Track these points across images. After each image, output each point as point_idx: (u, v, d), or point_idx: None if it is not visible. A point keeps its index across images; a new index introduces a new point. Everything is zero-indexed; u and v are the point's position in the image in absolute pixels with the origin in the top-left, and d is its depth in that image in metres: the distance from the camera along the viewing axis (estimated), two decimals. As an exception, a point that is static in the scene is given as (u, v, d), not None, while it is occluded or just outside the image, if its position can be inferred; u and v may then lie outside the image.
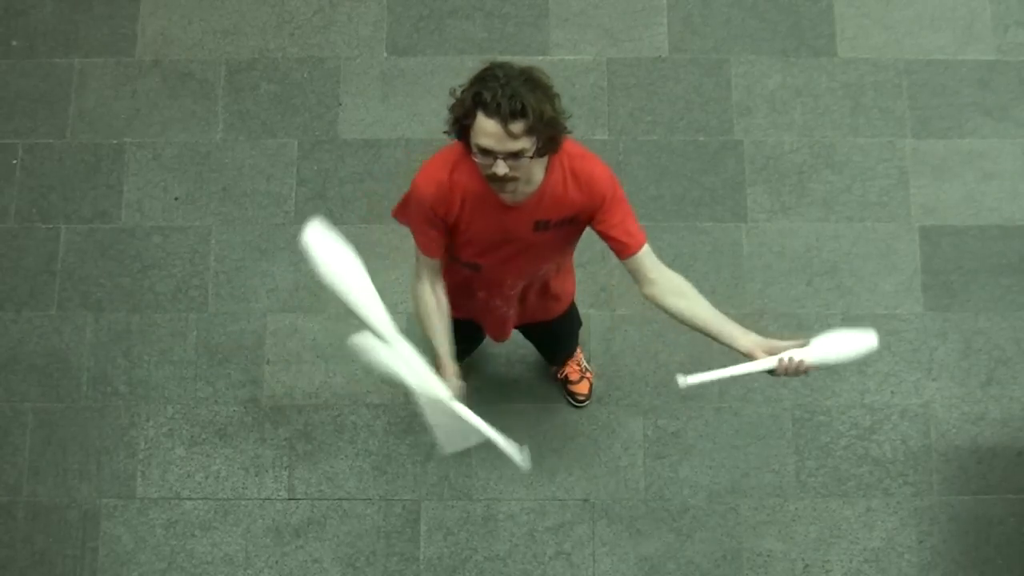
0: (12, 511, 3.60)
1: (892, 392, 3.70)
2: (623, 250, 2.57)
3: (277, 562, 3.55)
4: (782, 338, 2.54)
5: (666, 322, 3.74)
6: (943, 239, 3.85)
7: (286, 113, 3.97)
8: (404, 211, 2.68)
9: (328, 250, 2.62)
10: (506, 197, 2.51)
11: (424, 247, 2.65)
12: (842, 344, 2.56)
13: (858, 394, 3.70)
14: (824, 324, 3.75)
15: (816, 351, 2.52)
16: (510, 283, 2.78)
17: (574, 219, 2.58)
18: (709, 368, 2.53)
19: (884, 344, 3.74)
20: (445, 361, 2.69)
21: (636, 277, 2.61)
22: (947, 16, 4.07)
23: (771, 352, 2.51)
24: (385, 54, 4.04)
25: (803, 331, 3.74)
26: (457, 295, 2.99)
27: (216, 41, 4.05)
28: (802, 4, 4.09)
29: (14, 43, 4.04)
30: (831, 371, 3.70)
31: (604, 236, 2.59)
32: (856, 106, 3.97)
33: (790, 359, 2.49)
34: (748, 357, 2.53)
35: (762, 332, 3.71)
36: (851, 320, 3.75)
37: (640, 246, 2.57)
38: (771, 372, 2.52)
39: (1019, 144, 3.93)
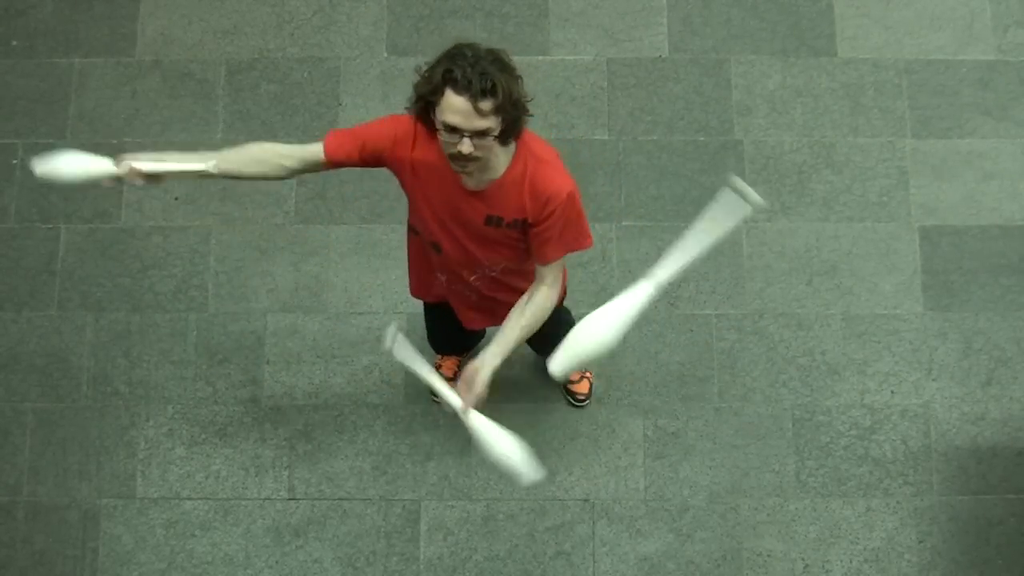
0: (12, 511, 3.60)
1: (892, 392, 3.70)
2: (534, 257, 2.66)
3: (277, 562, 3.55)
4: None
5: (666, 322, 3.76)
6: (943, 239, 3.85)
7: (286, 113, 3.97)
8: (348, 129, 2.65)
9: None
10: (467, 181, 2.51)
11: (333, 143, 2.60)
12: (503, 448, 2.63)
13: (858, 394, 3.70)
14: (824, 324, 3.75)
15: (479, 424, 2.61)
16: (468, 271, 2.77)
17: (524, 223, 2.58)
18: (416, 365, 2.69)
19: (884, 344, 3.74)
20: (149, 162, 2.61)
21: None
22: (947, 16, 4.07)
23: (467, 380, 2.62)
24: (385, 54, 4.04)
25: (803, 331, 3.74)
26: (424, 273, 2.99)
27: (216, 41, 4.05)
28: (802, 4, 4.09)
29: (14, 43, 4.05)
30: (831, 371, 3.71)
31: (531, 237, 2.62)
32: (856, 106, 3.97)
33: (459, 406, 2.61)
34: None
35: (762, 332, 3.74)
36: (851, 320, 3.75)
37: (544, 264, 2.64)
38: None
39: (1019, 144, 3.93)
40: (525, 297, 2.68)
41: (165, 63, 4.02)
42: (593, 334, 2.56)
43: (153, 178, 2.64)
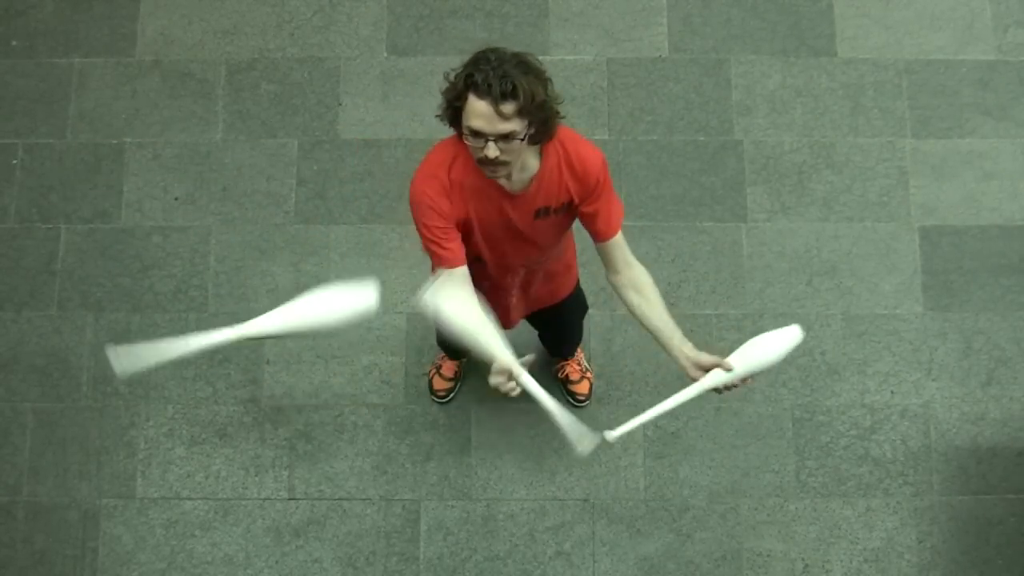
0: (12, 511, 3.60)
1: (892, 392, 3.70)
2: (598, 235, 2.64)
3: (277, 562, 3.55)
4: (715, 351, 2.58)
5: (666, 322, 3.75)
6: (943, 239, 3.85)
7: (286, 113, 3.97)
8: (429, 238, 2.54)
9: (452, 307, 2.50)
10: (502, 183, 2.51)
11: (447, 258, 2.52)
12: (767, 346, 2.58)
13: (858, 394, 3.70)
14: (824, 324, 3.75)
15: (743, 361, 2.55)
16: (513, 271, 2.78)
17: (570, 204, 2.60)
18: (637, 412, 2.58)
19: (884, 344, 3.74)
20: (504, 363, 2.44)
21: (605, 262, 2.68)
22: (947, 16, 4.07)
23: (700, 366, 2.55)
24: (385, 54, 4.04)
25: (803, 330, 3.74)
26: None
27: (216, 41, 4.05)
28: (802, 4, 4.09)
29: (14, 43, 4.05)
30: (831, 371, 3.71)
31: (584, 218, 2.63)
32: (856, 106, 3.97)
33: (725, 385, 2.55)
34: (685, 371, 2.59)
35: (762, 332, 3.73)
36: (851, 320, 3.75)
37: (614, 234, 2.63)
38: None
39: (1019, 144, 3.94)
40: (632, 293, 2.63)
41: (165, 63, 4.02)
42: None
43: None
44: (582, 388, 3.64)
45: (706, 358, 2.55)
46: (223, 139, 3.94)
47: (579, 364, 3.63)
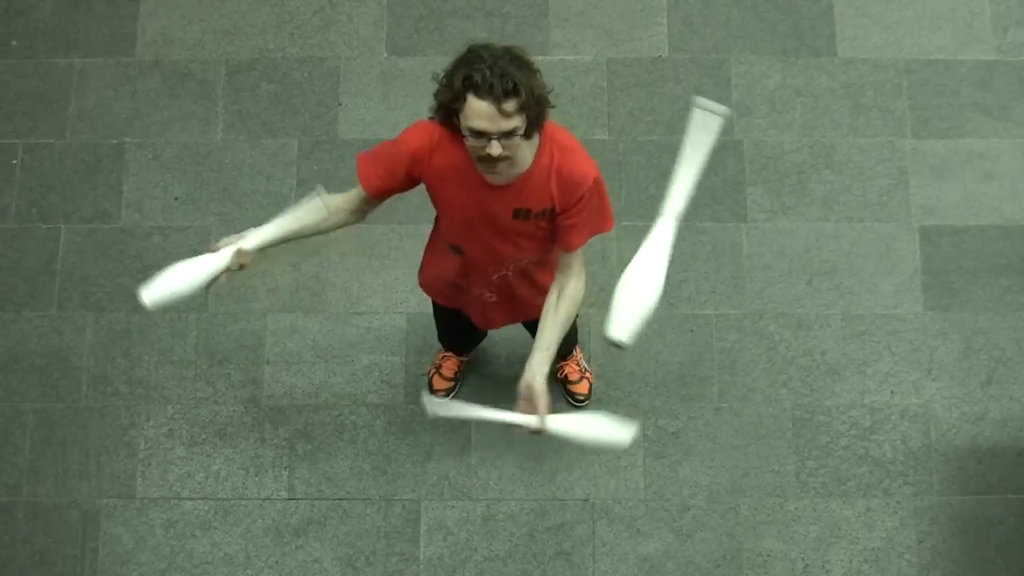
0: (12, 511, 3.60)
1: (892, 392, 3.70)
2: (561, 245, 2.65)
3: (277, 562, 3.55)
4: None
5: (666, 322, 3.76)
6: (943, 239, 3.85)
7: (286, 113, 3.97)
8: (373, 152, 2.62)
9: None
10: (494, 178, 2.51)
11: (366, 176, 2.59)
12: (592, 428, 2.61)
13: (858, 394, 3.70)
14: (824, 324, 3.75)
15: (562, 423, 2.59)
16: (492, 270, 2.77)
17: (552, 211, 2.59)
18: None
19: (884, 344, 3.74)
20: (247, 238, 2.67)
21: (558, 262, 2.71)
22: (947, 16, 4.07)
23: (527, 396, 2.60)
24: (385, 54, 4.04)
25: (803, 331, 3.74)
26: (443, 281, 2.98)
27: (216, 41, 4.05)
28: (802, 4, 4.09)
29: (14, 43, 4.05)
30: (831, 371, 3.70)
31: (558, 228, 2.63)
32: (856, 106, 3.97)
33: (535, 423, 2.56)
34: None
35: (761, 332, 3.74)
36: (851, 320, 3.75)
37: (575, 248, 2.64)
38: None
39: (1019, 144, 3.94)
40: (554, 293, 2.67)
41: (165, 63, 4.02)
42: (644, 287, 2.58)
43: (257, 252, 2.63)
44: (582, 388, 3.64)
45: (536, 392, 2.58)
46: (223, 139, 3.94)
47: (578, 364, 3.63)
